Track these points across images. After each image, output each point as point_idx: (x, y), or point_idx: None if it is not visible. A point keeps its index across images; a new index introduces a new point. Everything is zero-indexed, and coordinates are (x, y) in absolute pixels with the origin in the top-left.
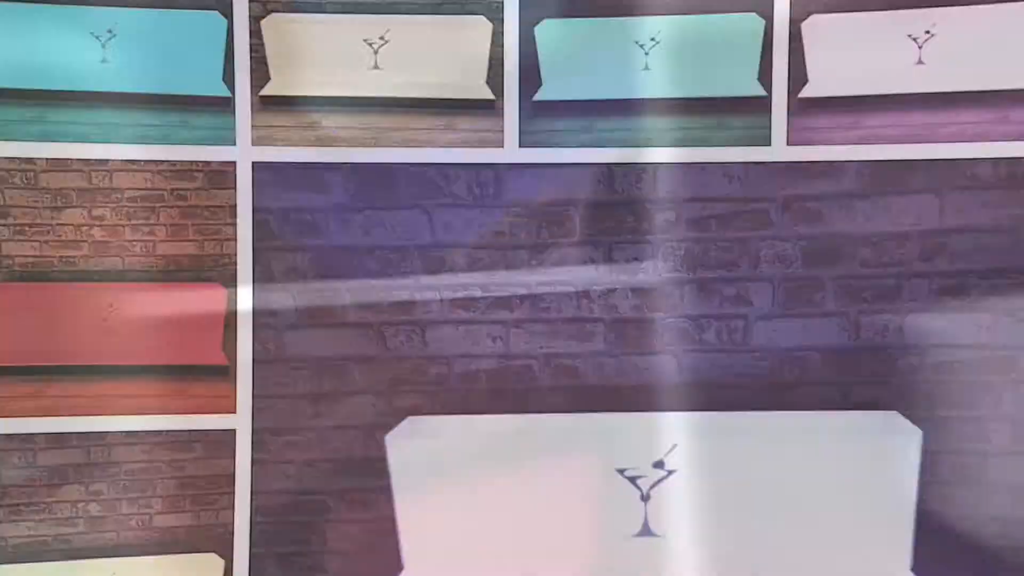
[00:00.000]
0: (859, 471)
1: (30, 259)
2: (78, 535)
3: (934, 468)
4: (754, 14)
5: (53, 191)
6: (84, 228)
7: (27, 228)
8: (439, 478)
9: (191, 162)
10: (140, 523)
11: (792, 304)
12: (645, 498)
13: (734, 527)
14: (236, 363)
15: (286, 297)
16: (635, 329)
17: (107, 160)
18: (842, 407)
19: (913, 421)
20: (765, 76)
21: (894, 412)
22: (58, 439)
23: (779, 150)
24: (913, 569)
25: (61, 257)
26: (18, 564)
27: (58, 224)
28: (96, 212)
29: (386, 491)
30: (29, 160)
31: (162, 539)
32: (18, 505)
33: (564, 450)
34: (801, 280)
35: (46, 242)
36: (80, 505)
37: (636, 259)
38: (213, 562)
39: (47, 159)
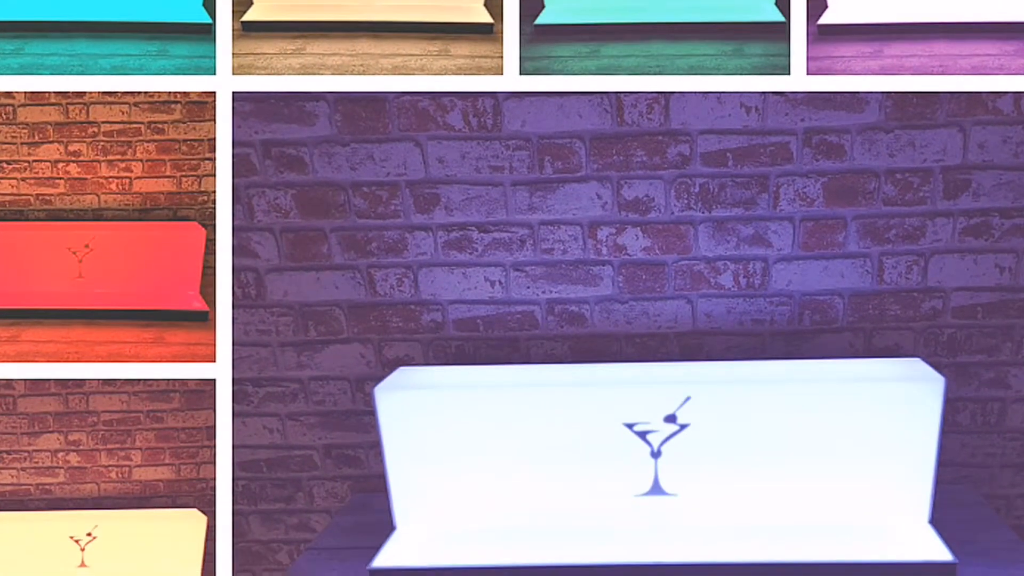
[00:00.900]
0: (881, 420)
1: (7, 197)
2: (59, 485)
3: (953, 416)
4: None
5: (31, 126)
6: (60, 164)
7: (4, 165)
8: (433, 433)
9: (169, 93)
10: (120, 475)
11: (813, 245)
12: (656, 454)
13: (751, 484)
14: (215, 309)
15: (268, 238)
16: (646, 272)
17: (84, 92)
18: (864, 354)
19: (935, 368)
20: (783, 0)
21: (917, 359)
22: (36, 385)
23: (799, 79)
24: (932, 521)
25: (38, 195)
26: (2, 512)
27: (35, 160)
28: (72, 147)
29: (376, 447)
30: (7, 94)
31: (143, 493)
32: (0, 453)
33: (568, 403)
34: (823, 219)
35: (23, 179)
36: (60, 455)
37: (647, 196)
38: (195, 518)
39: (25, 92)
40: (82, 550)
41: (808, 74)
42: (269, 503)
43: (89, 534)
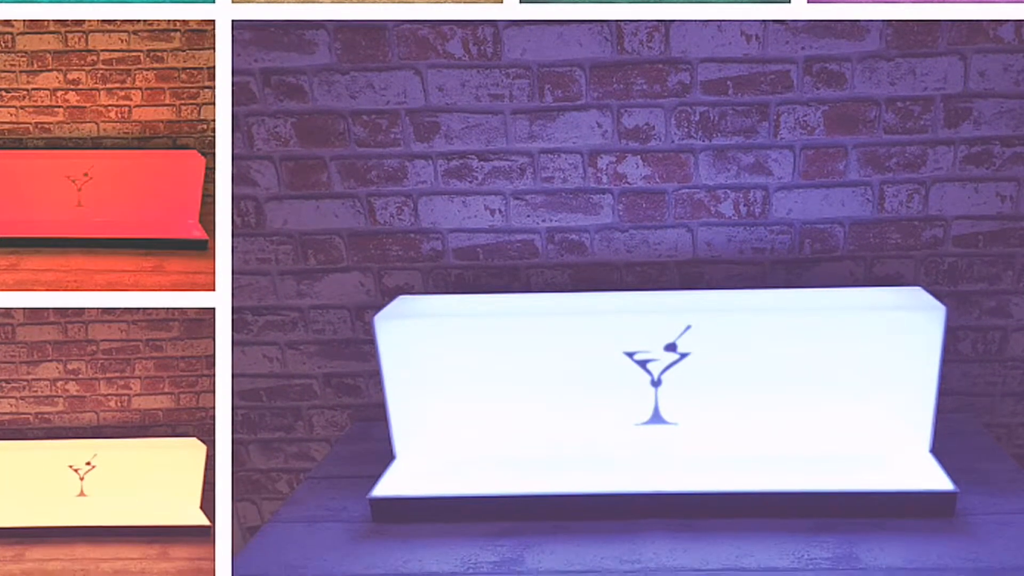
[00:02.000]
0: (882, 349)
1: (6, 125)
2: (58, 414)
3: (954, 345)
4: None
5: (30, 54)
6: (60, 93)
7: (3, 93)
8: (433, 362)
9: (168, 21)
10: (119, 404)
11: (814, 173)
12: (656, 383)
13: (751, 412)
14: (215, 237)
15: (267, 166)
16: (646, 201)
17: (83, 21)
18: (865, 283)
19: (936, 296)
20: None
21: (918, 288)
22: (35, 314)
23: (799, 8)
24: (932, 450)
25: (37, 124)
26: (1, 441)
27: (34, 89)
28: (71, 76)
29: (376, 375)
30: (6, 22)
31: (142, 422)
32: None
33: (568, 332)
34: (823, 147)
35: (22, 108)
36: (59, 384)
37: (647, 125)
38: (195, 447)
39: (24, 21)
40: (81, 479)
41: (808, 2)
42: (268, 432)
43: (88, 463)
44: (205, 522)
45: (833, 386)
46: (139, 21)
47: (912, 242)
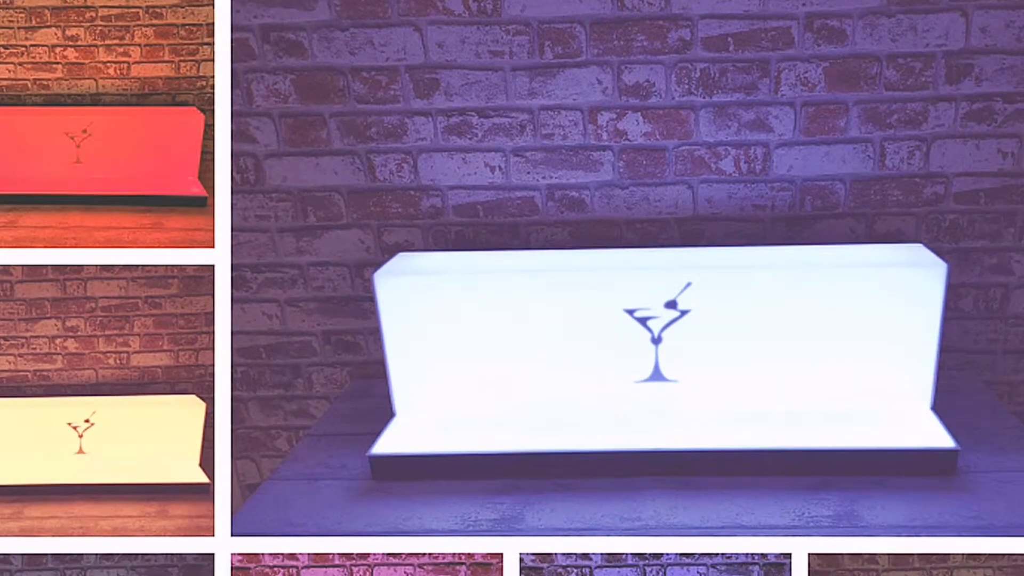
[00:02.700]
0: (882, 306)
1: (4, 82)
2: (57, 371)
3: (955, 302)
4: None
5: (27, 10)
6: (58, 49)
7: (2, 50)
8: (433, 319)
9: None
10: (118, 361)
11: (815, 130)
12: (656, 340)
13: (752, 370)
14: (214, 194)
15: (267, 123)
16: (646, 158)
17: None
18: (866, 240)
19: (937, 253)
20: None
21: (919, 244)
22: (34, 271)
23: None
24: (933, 408)
25: (35, 80)
26: (0, 398)
27: (32, 45)
28: (70, 32)
29: (375, 333)
30: None
31: (141, 379)
32: None
33: (568, 289)
34: (824, 104)
35: (20, 64)
36: (58, 341)
37: (648, 81)
38: (194, 404)
39: None
40: (80, 436)
41: None
42: (268, 389)
43: (87, 420)
44: (204, 479)
45: (834, 343)
46: None
47: (913, 199)
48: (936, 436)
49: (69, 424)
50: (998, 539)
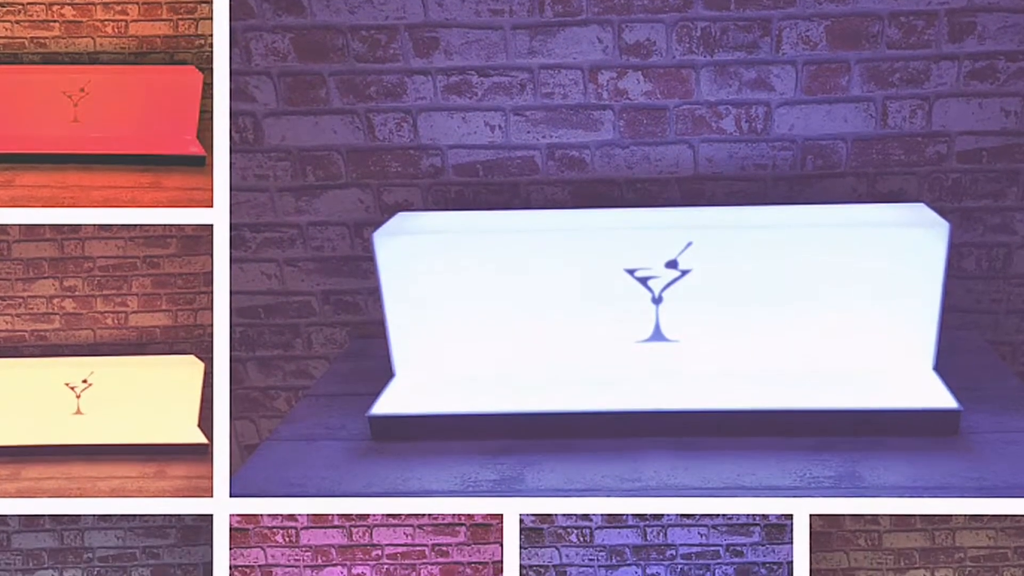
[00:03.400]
0: (884, 266)
1: (1, 40)
2: (54, 332)
3: (958, 262)
4: None
5: None
6: (55, 7)
7: None
8: (432, 279)
9: None
10: (116, 322)
11: (816, 89)
12: (657, 300)
13: (753, 330)
14: (212, 154)
15: (266, 82)
16: (647, 117)
17: None
18: (868, 199)
19: (939, 213)
20: None
21: (921, 204)
22: (31, 231)
23: None
24: (935, 368)
25: (32, 38)
26: None
27: (29, 3)
28: None
29: (375, 293)
30: None
31: (139, 339)
32: None
33: (569, 249)
34: (826, 63)
35: (17, 22)
36: (55, 301)
37: (648, 40)
38: (192, 364)
39: None
40: (78, 397)
41: None
42: (267, 349)
43: (85, 381)
44: (203, 440)
45: (835, 303)
46: None
47: (915, 158)
48: (938, 396)
49: (67, 385)
50: (1001, 500)
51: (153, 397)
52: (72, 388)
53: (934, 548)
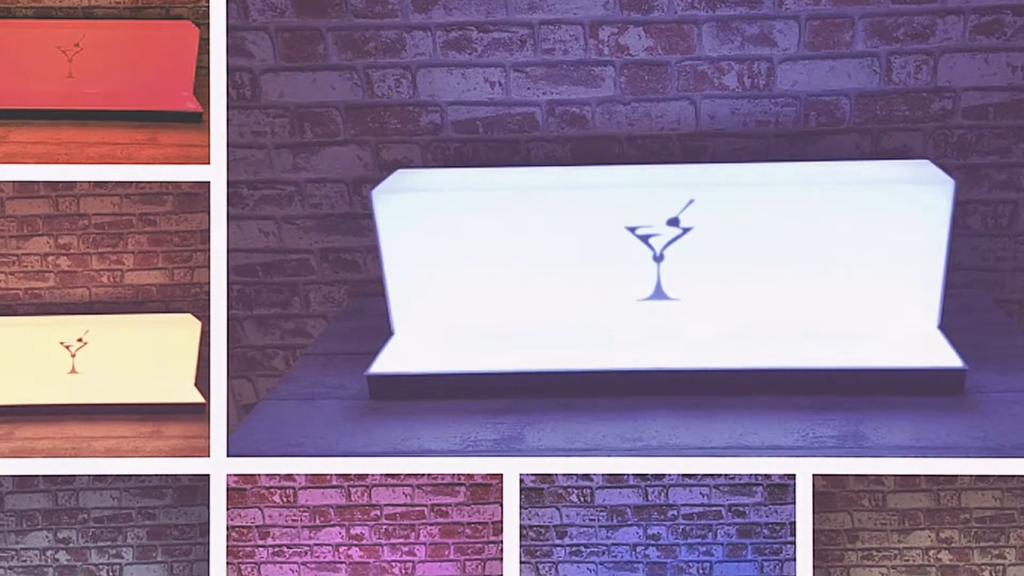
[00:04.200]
0: (889, 224)
1: None
2: (49, 290)
3: (964, 219)
4: None
5: None
6: None
7: None
8: (431, 237)
9: None
10: (112, 280)
11: (819, 44)
12: (658, 258)
13: (755, 288)
14: (209, 110)
15: (263, 37)
16: (648, 73)
17: None
18: (872, 156)
19: (945, 170)
20: None
21: (926, 161)
22: (25, 187)
23: None
24: (940, 327)
25: None
26: None
27: None
28: None
29: (374, 251)
30: None
31: (135, 298)
32: None
33: (569, 206)
34: (829, 18)
35: None
36: (50, 259)
37: None
38: (189, 323)
39: None
40: (73, 356)
41: None
42: (264, 308)
43: (80, 340)
44: (200, 399)
45: (839, 261)
46: None
47: (920, 114)
48: (943, 355)
49: (61, 343)
50: (1007, 460)
51: (149, 356)
52: (67, 347)
53: (939, 509)
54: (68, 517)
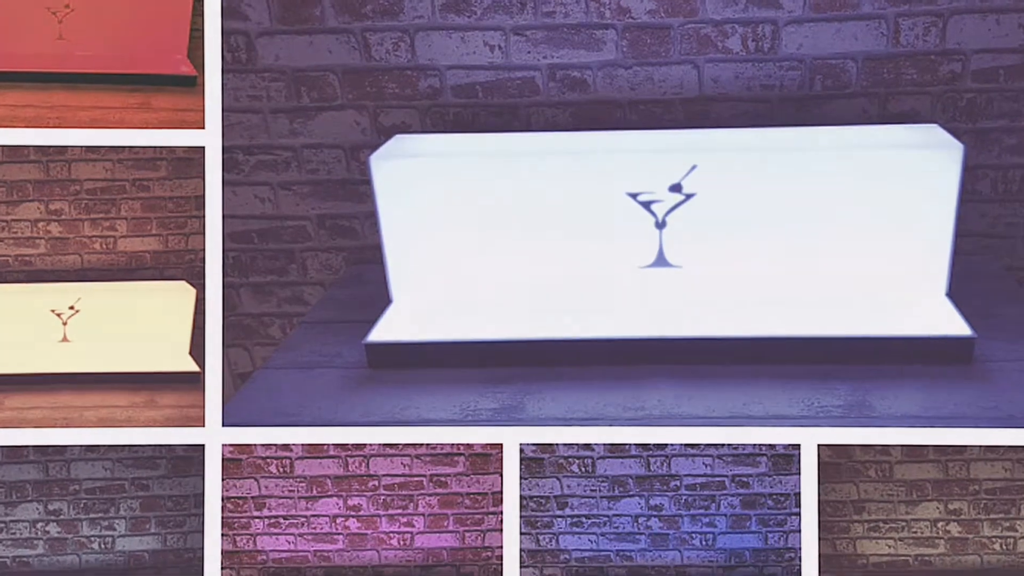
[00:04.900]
0: (896, 189)
1: None
2: (40, 256)
3: (973, 184)
4: None
5: None
6: None
7: None
8: (430, 203)
9: None
10: (104, 246)
11: (825, 6)
12: (660, 225)
13: (759, 256)
14: (204, 74)
15: (259, 0)
16: (651, 36)
17: None
18: (879, 121)
19: (953, 134)
20: None
21: (934, 125)
22: (15, 152)
23: None
24: (949, 294)
25: None
26: None
27: None
28: None
29: (372, 217)
30: None
31: (128, 265)
32: None
33: (570, 172)
34: None
35: None
36: (40, 225)
37: None
38: (184, 291)
39: None
40: (64, 324)
41: None
42: (261, 275)
43: (72, 307)
44: (194, 368)
45: (844, 227)
46: None
47: (929, 77)
48: (952, 323)
49: (53, 311)
50: (1017, 430)
51: (143, 324)
52: (58, 315)
53: (947, 480)
54: (59, 488)
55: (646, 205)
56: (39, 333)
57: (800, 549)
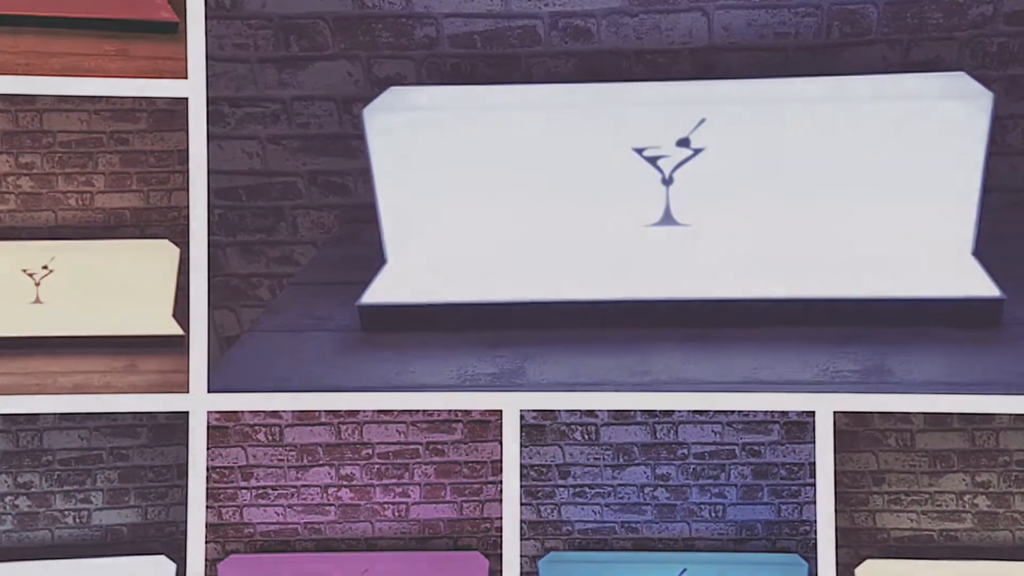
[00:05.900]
0: (920, 142)
1: None
2: (10, 213)
3: (1003, 136)
4: None
5: None
6: None
7: None
8: (426, 159)
9: None
10: (80, 202)
11: None
12: (667, 181)
13: (772, 214)
14: (185, 20)
15: None
16: None
17: None
18: (901, 69)
19: (982, 82)
20: None
21: (961, 73)
22: None
23: None
24: (975, 253)
25: None
26: None
27: None
28: None
29: (365, 173)
30: None
31: (107, 222)
32: None
33: (573, 126)
34: None
35: None
36: (11, 180)
37: None
38: (166, 250)
39: None
40: (37, 285)
41: None
42: (248, 234)
43: (45, 267)
44: (178, 331)
45: (863, 184)
46: None
47: (955, 21)
48: (979, 283)
49: (24, 271)
50: None
51: (123, 285)
52: (31, 275)
53: (974, 450)
54: (30, 460)
55: (652, 160)
56: (9, 294)
57: (815, 522)
